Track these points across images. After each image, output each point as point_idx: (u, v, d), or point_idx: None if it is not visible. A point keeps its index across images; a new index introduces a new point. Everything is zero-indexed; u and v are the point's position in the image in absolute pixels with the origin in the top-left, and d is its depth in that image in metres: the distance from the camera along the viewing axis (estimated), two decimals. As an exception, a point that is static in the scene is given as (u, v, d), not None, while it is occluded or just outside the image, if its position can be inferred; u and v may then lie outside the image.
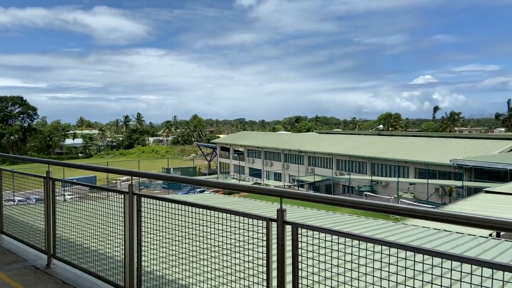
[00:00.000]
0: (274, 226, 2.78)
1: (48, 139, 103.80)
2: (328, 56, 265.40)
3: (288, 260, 2.71)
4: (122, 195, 3.95)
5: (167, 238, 3.49)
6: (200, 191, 39.22)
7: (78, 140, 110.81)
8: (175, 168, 70.66)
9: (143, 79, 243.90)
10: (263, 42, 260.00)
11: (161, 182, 55.00)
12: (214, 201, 14.25)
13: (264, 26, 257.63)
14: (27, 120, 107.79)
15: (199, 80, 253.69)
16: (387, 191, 44.62)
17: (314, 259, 2.57)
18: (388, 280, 2.27)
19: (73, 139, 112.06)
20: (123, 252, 3.93)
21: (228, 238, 3.04)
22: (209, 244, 3.17)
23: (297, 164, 58.23)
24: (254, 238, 2.88)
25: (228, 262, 3.08)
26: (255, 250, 2.86)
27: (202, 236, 3.22)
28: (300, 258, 2.64)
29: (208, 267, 3.21)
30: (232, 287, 3.04)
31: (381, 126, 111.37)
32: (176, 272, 3.43)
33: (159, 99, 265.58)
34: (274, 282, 2.78)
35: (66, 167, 6.07)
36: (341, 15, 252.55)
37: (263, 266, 2.83)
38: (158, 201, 3.67)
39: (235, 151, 71.64)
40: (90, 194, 4.85)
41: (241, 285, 2.99)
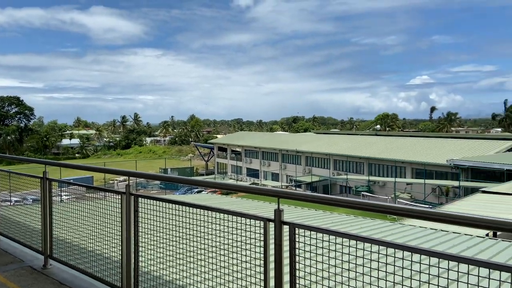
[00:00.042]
0: (272, 226, 2.78)
1: (45, 139, 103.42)
2: (325, 56, 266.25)
3: (286, 260, 2.71)
4: (119, 196, 3.94)
5: (164, 238, 3.48)
6: (198, 192, 39.18)
7: (75, 141, 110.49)
8: (173, 168, 70.53)
9: (140, 79, 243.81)
10: (260, 43, 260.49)
11: (158, 183, 54.90)
12: (212, 201, 14.23)
13: (261, 27, 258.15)
14: (24, 120, 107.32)
15: (196, 80, 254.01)
16: (384, 191, 44.72)
17: (312, 259, 2.57)
18: (386, 280, 2.27)
19: (70, 139, 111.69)
20: (120, 252, 3.92)
21: (226, 239, 3.03)
22: (206, 245, 3.17)
23: (294, 164, 58.27)
24: (252, 238, 2.88)
25: (226, 263, 3.08)
26: (252, 250, 2.86)
27: (199, 237, 3.22)
28: (297, 258, 2.63)
29: (206, 267, 3.21)
30: (229, 287, 3.05)
31: (378, 127, 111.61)
32: (174, 272, 3.43)
33: (157, 99, 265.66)
34: (272, 282, 2.78)
35: (63, 168, 6.06)
36: (338, 15, 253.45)
37: (261, 266, 2.83)
38: (155, 201, 3.66)
39: (232, 151, 71.61)
40: (87, 195, 4.85)
41: (238, 285, 2.99)
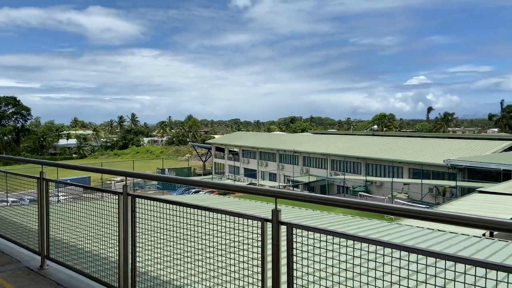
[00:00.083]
0: (269, 226, 2.78)
1: (41, 139, 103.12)
2: (323, 56, 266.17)
3: (283, 261, 2.71)
4: (116, 196, 3.93)
5: (162, 239, 3.48)
6: (195, 192, 39.17)
7: (72, 141, 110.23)
8: (170, 168, 70.47)
9: (137, 80, 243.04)
10: (258, 43, 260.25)
11: (155, 183, 54.85)
12: (209, 201, 14.23)
13: (259, 27, 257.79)
14: (21, 120, 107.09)
15: (194, 80, 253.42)
16: (381, 191, 44.79)
17: (309, 259, 2.57)
18: (383, 280, 2.28)
19: (67, 139, 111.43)
20: (117, 253, 3.91)
21: (223, 239, 3.03)
22: (204, 245, 3.16)
23: (292, 165, 58.30)
24: (249, 238, 2.87)
25: (223, 263, 3.07)
26: (250, 251, 2.86)
27: (197, 237, 3.21)
28: (295, 258, 2.64)
29: (203, 267, 3.21)
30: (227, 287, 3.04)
31: (375, 127, 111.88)
32: (171, 273, 3.42)
33: (154, 99, 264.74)
34: (269, 283, 2.78)
35: (59, 168, 6.04)
36: (336, 15, 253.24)
37: (258, 266, 2.83)
38: (153, 201, 3.65)
39: (230, 151, 71.58)
40: (84, 195, 4.83)
41: (236, 285, 2.98)
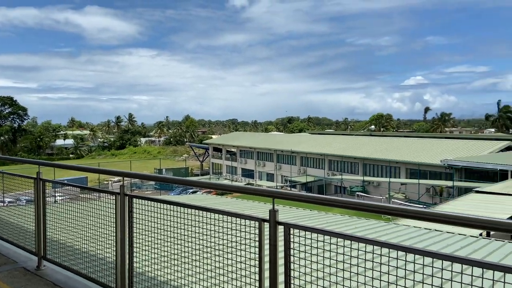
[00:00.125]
0: (267, 226, 2.78)
1: (38, 139, 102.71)
2: (320, 57, 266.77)
3: (281, 261, 2.71)
4: (114, 196, 3.92)
5: (159, 239, 3.47)
6: (193, 192, 39.12)
7: (69, 141, 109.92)
8: (167, 168, 70.36)
9: (135, 80, 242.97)
10: (255, 43, 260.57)
11: (153, 183, 54.75)
12: (207, 201, 14.22)
13: (256, 27, 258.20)
14: (17, 120, 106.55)
15: (191, 80, 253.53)
16: (378, 191, 44.88)
17: (306, 260, 2.57)
18: (380, 280, 2.28)
19: (64, 139, 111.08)
20: (115, 253, 3.90)
21: (221, 239, 3.03)
22: (201, 245, 3.16)
23: (289, 165, 58.33)
24: (247, 238, 2.87)
25: (221, 263, 3.07)
26: (247, 251, 2.86)
27: (194, 237, 3.21)
28: (292, 258, 2.64)
29: (201, 267, 3.21)
30: (224, 288, 3.04)
31: (372, 127, 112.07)
32: (168, 273, 3.42)
33: (151, 99, 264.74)
34: (267, 283, 2.78)
35: (56, 168, 6.02)
36: (333, 16, 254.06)
37: (256, 266, 2.83)
38: (150, 202, 3.65)
39: (227, 151, 71.55)
40: (81, 195, 4.83)
41: (233, 285, 2.98)
